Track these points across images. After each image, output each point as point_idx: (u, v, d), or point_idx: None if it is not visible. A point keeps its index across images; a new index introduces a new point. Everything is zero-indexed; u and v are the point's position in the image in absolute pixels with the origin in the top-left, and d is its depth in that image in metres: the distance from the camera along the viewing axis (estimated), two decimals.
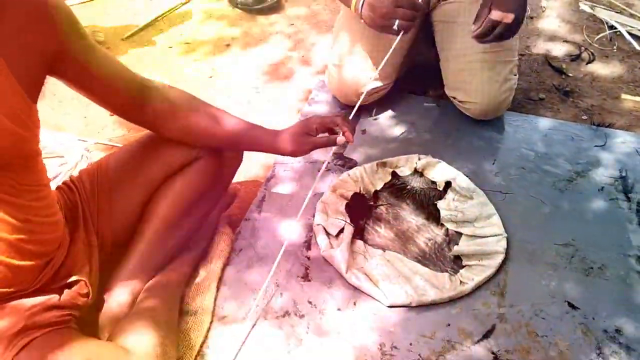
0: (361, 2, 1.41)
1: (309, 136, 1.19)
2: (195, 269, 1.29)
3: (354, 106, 1.32)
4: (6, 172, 0.88)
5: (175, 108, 1.13)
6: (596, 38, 2.20)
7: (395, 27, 1.36)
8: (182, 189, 1.20)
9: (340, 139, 1.18)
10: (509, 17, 1.34)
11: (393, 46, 1.37)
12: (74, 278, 1.06)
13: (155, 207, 1.19)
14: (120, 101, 1.07)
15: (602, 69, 2.05)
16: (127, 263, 1.17)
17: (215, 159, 1.22)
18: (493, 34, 1.38)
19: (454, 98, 1.69)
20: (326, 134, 1.22)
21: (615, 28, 2.23)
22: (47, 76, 0.94)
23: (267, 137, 1.21)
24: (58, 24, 0.89)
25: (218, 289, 1.26)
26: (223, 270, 1.30)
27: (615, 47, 2.16)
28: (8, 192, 0.89)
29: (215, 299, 1.23)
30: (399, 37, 1.38)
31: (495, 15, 1.34)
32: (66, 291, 1.04)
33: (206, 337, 1.16)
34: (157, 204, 1.19)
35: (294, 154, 1.21)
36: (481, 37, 1.41)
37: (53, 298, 1.01)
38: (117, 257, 1.19)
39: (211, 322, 1.19)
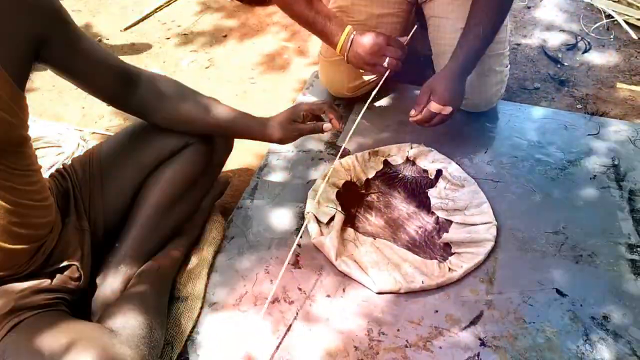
0: (350, 40, 1.42)
1: (297, 123, 1.21)
2: (186, 256, 1.30)
3: (345, 98, 1.33)
4: None
5: (165, 96, 1.14)
6: (593, 27, 2.19)
7: (385, 64, 1.40)
8: (174, 175, 1.21)
9: (327, 125, 1.20)
10: (447, 110, 1.39)
11: (378, 86, 1.42)
12: (65, 263, 1.08)
13: (147, 193, 1.21)
14: (106, 88, 1.08)
15: (598, 58, 2.04)
16: (119, 249, 1.18)
17: (206, 146, 1.24)
18: (432, 122, 1.42)
19: None
20: (314, 122, 1.24)
21: (613, 17, 2.22)
22: (36, 63, 0.95)
23: (256, 125, 1.22)
24: (40, 10, 0.90)
25: (209, 275, 1.28)
26: (214, 257, 1.32)
27: (612, 36, 2.15)
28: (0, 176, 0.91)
29: (206, 286, 1.25)
30: (385, 75, 1.42)
31: (435, 107, 1.39)
32: (58, 275, 1.06)
33: (196, 322, 1.18)
34: (149, 190, 1.21)
35: (281, 141, 1.23)
36: (420, 124, 1.44)
37: (44, 282, 1.03)
38: (109, 242, 1.21)
39: (201, 308, 1.21)
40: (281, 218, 1.41)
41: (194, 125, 1.19)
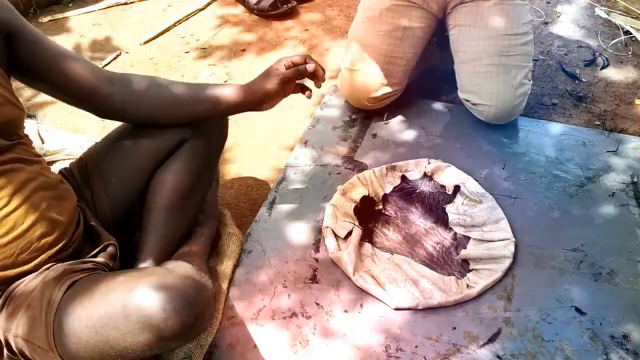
0: None
1: (279, 71, 1.21)
2: (211, 245, 1.35)
3: (365, 110, 1.32)
4: (17, 142, 1.00)
5: (137, 96, 1.15)
6: (611, 43, 2.19)
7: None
8: (179, 173, 1.22)
9: (310, 65, 1.22)
10: None
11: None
12: (104, 244, 1.11)
13: (156, 198, 1.21)
14: (81, 93, 1.11)
15: (616, 74, 2.03)
16: (141, 253, 1.19)
17: (202, 139, 1.23)
18: None
19: (467, 101, 1.69)
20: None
21: (631, 33, 2.22)
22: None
23: (240, 88, 1.20)
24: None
25: (228, 290, 1.28)
26: (233, 271, 1.32)
27: (630, 53, 2.14)
28: (26, 154, 1.00)
29: (225, 300, 1.26)
30: None
31: None
32: (101, 254, 1.09)
33: (215, 336, 1.19)
34: (157, 194, 1.21)
35: (268, 93, 1.21)
36: None
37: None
38: (120, 242, 1.19)
39: (220, 322, 1.22)
40: (299, 232, 1.42)
41: (177, 112, 1.18)
